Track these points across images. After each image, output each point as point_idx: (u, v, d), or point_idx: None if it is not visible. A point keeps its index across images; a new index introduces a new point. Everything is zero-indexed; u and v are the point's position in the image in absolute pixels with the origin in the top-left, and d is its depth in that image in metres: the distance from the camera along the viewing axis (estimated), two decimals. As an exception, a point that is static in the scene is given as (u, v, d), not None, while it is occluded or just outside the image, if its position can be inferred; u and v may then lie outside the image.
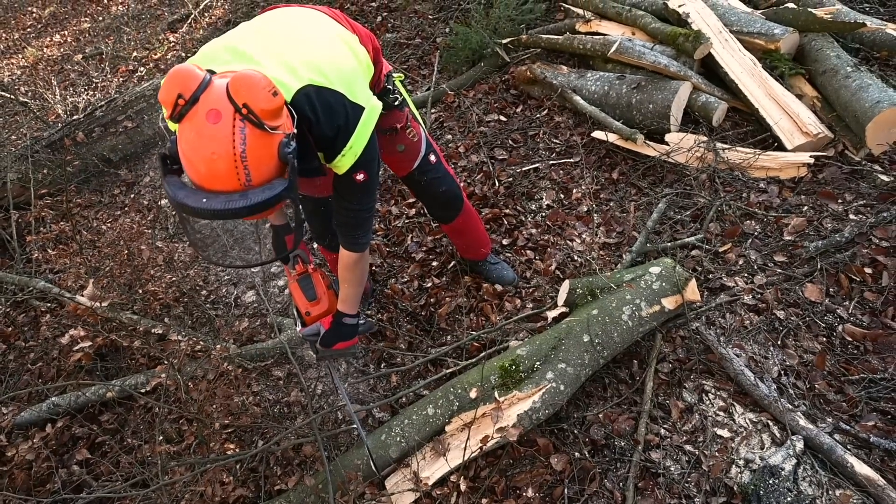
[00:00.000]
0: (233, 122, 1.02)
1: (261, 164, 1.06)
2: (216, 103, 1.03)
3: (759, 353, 1.89)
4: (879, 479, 1.51)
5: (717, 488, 1.62)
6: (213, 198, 1.04)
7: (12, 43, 6.17)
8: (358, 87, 1.35)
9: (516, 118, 3.18)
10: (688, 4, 2.99)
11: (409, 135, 1.81)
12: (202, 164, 1.04)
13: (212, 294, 2.64)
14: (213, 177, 1.04)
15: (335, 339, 1.66)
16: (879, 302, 1.94)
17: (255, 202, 1.05)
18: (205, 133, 1.02)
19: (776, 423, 1.71)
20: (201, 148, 1.03)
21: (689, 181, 2.51)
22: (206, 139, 1.02)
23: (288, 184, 1.10)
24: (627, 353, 1.97)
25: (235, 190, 1.05)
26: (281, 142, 1.09)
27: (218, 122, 1.02)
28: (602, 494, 1.68)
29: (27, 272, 2.88)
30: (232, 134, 1.02)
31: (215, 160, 1.03)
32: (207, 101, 1.03)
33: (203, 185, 1.06)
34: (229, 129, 1.02)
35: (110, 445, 2.12)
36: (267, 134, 1.05)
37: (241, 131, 1.03)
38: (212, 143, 1.02)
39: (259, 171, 1.06)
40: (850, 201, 2.28)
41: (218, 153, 1.02)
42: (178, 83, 1.03)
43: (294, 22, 1.38)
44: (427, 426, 1.80)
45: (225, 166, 1.03)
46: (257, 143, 1.05)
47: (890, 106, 2.27)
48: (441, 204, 2.03)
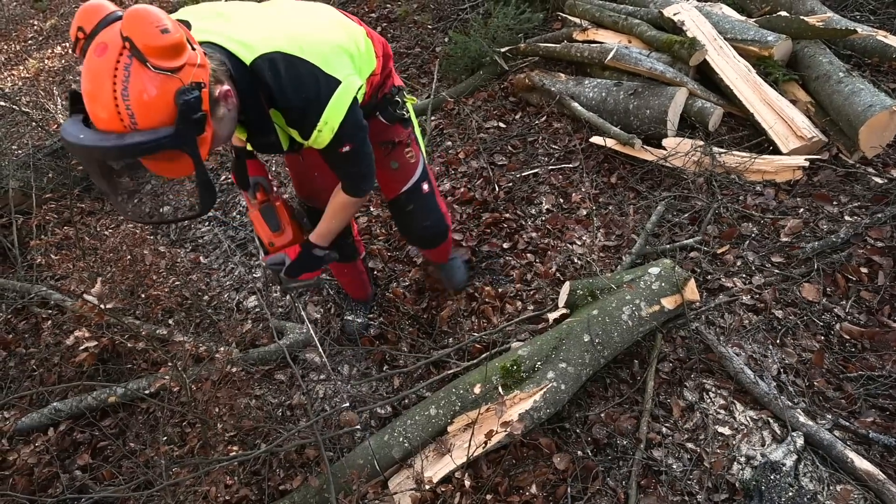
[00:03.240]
0: (118, 56, 0.95)
1: (147, 106, 0.98)
2: (107, 36, 0.97)
3: (758, 351, 1.91)
4: (879, 474, 1.52)
5: (718, 485, 1.63)
6: (91, 134, 0.98)
7: (13, 55, 6.21)
8: (338, 62, 1.30)
9: (515, 125, 3.22)
10: (683, 13, 3.05)
11: (407, 154, 1.76)
12: (87, 99, 0.99)
13: (214, 299, 2.65)
14: (96, 114, 0.98)
15: (301, 269, 1.62)
16: (876, 301, 1.97)
17: (126, 143, 0.97)
18: (90, 66, 0.97)
19: (776, 420, 1.72)
20: (86, 82, 0.98)
21: (686, 185, 2.55)
22: (90, 73, 0.97)
23: (174, 131, 1.01)
24: (628, 353, 1.98)
25: (117, 130, 0.99)
26: (179, 88, 1.00)
27: (102, 56, 0.96)
28: (605, 493, 1.68)
29: (28, 279, 2.89)
30: (114, 69, 0.95)
31: (96, 95, 0.97)
32: (102, 37, 0.97)
33: (95, 124, 1.00)
34: (112, 62, 0.95)
35: (112, 450, 2.12)
36: (155, 74, 0.97)
37: (125, 67, 0.96)
38: (94, 76, 0.96)
39: (145, 113, 0.98)
40: (844, 203, 2.31)
41: (98, 89, 0.96)
42: (82, 17, 0.99)
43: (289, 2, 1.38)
44: (429, 426, 1.81)
45: (104, 102, 0.97)
46: (141, 82, 0.96)
47: (882, 109, 2.32)
48: (422, 238, 1.98)
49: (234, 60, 1.18)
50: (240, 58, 1.19)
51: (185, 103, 1.01)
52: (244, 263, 2.81)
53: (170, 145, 1.02)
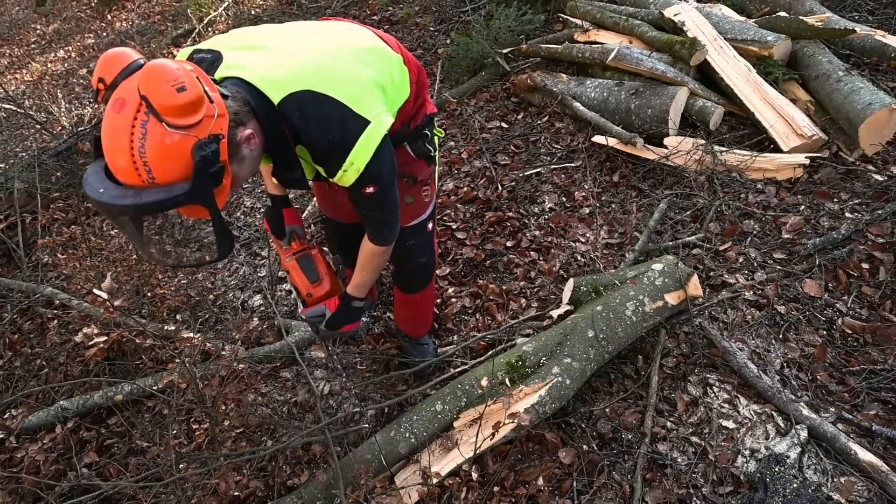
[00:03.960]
0: (135, 113, 0.95)
1: (164, 162, 0.98)
2: (126, 92, 0.97)
3: (761, 346, 1.93)
4: (883, 466, 1.53)
5: (723, 478, 1.64)
6: (111, 189, 0.99)
7: (16, 59, 6.25)
8: (370, 99, 1.26)
9: (518, 125, 3.24)
10: (683, 13, 3.08)
11: (424, 193, 1.72)
12: (106, 152, 0.99)
13: (219, 298, 2.66)
14: (116, 168, 0.99)
15: (343, 321, 1.61)
16: (877, 296, 1.98)
17: (143, 202, 0.97)
18: (108, 121, 0.97)
19: (780, 413, 1.74)
20: (105, 136, 0.98)
21: (688, 183, 2.57)
22: (108, 128, 0.97)
23: (190, 188, 1.00)
24: (632, 349, 2.00)
25: (135, 185, 0.99)
26: (195, 143, 0.99)
27: (121, 112, 0.96)
28: (610, 486, 1.69)
29: (34, 279, 2.90)
30: (131, 126, 0.95)
31: (114, 149, 0.97)
32: (120, 90, 0.97)
33: (114, 175, 1.00)
34: (129, 120, 0.95)
35: (119, 447, 2.13)
36: (171, 132, 0.97)
37: (142, 125, 0.96)
38: (112, 132, 0.97)
39: (162, 169, 0.98)
40: (845, 200, 2.33)
41: (116, 144, 0.96)
42: (103, 67, 0.99)
43: (324, 28, 1.36)
44: (435, 422, 1.82)
45: (123, 159, 0.97)
46: (158, 139, 0.96)
47: (881, 108, 2.34)
48: (413, 273, 1.93)
49: (260, 98, 1.16)
50: (268, 96, 1.17)
51: (203, 158, 1.00)
52: (249, 263, 2.82)
53: (186, 201, 1.01)
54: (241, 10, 5.55)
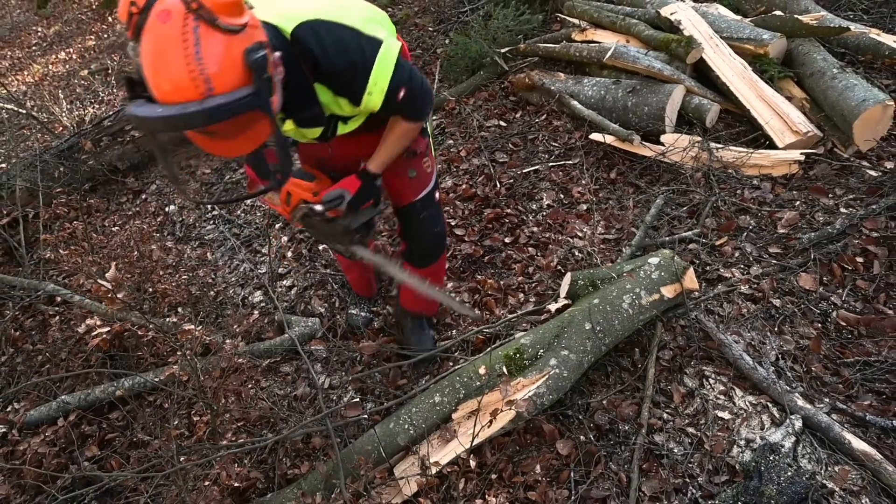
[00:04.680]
0: (183, 20, 0.92)
1: (222, 67, 0.95)
2: (166, 4, 0.93)
3: (756, 339, 1.95)
4: (876, 454, 1.55)
5: (719, 467, 1.66)
6: (168, 108, 0.94)
7: (18, 60, 6.28)
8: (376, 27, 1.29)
9: (516, 123, 3.26)
10: (679, 12, 3.10)
11: (425, 164, 1.76)
12: (154, 72, 0.94)
13: (220, 294, 2.68)
14: (171, 84, 0.94)
15: (366, 197, 1.56)
16: (871, 289, 2.01)
17: (208, 106, 0.94)
18: (155, 36, 0.93)
19: (775, 404, 1.76)
20: (154, 54, 0.94)
21: (684, 179, 2.59)
22: (157, 42, 0.93)
23: (254, 90, 0.98)
24: (629, 342, 2.02)
25: (192, 99, 0.95)
26: (247, 46, 0.98)
27: (168, 22, 0.92)
28: (607, 476, 1.71)
29: (35, 276, 2.92)
30: (182, 33, 0.92)
31: (166, 64, 0.93)
32: (159, 7, 0.94)
33: (164, 99, 0.95)
34: (179, 27, 0.92)
35: (121, 441, 2.15)
36: (224, 34, 0.95)
37: (193, 31, 0.92)
38: (161, 46, 0.93)
39: (220, 76, 0.95)
40: (840, 195, 2.35)
41: (168, 57, 0.93)
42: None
43: None
44: (434, 414, 1.84)
45: (176, 70, 0.93)
46: (213, 43, 0.94)
47: (875, 104, 2.36)
48: (430, 245, 1.94)
49: (275, 32, 1.15)
50: (280, 29, 1.16)
51: (255, 62, 0.98)
52: (249, 260, 2.84)
53: (251, 105, 0.98)
54: (242, 12, 5.57)
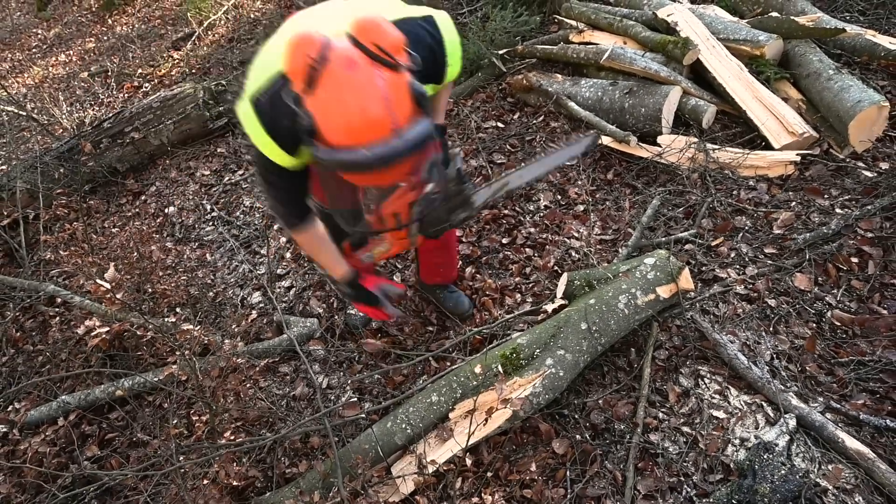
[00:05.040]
0: (370, 65, 1.00)
1: (401, 103, 1.04)
2: (345, 53, 1.00)
3: (751, 338, 1.96)
4: (869, 453, 1.56)
5: (713, 466, 1.67)
6: (372, 147, 1.02)
7: (18, 63, 6.30)
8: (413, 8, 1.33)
9: (513, 124, 3.28)
10: (676, 14, 3.12)
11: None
12: (353, 115, 1.01)
13: (219, 295, 2.70)
14: (367, 125, 1.02)
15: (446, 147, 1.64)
16: (866, 289, 2.02)
17: (413, 138, 1.03)
18: (348, 84, 1.00)
19: (770, 403, 1.77)
20: (349, 99, 1.00)
21: (681, 180, 2.60)
22: (351, 89, 1.00)
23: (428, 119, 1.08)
24: (625, 342, 2.03)
25: (386, 135, 1.02)
26: (409, 81, 1.06)
27: (355, 69, 0.99)
28: (603, 475, 1.72)
29: (36, 277, 2.94)
30: (371, 77, 1.00)
31: (366, 107, 1.00)
32: (338, 55, 1.00)
33: (355, 141, 1.03)
34: (369, 73, 1.00)
35: (121, 441, 2.16)
36: (398, 73, 1.03)
37: (378, 74, 1.01)
38: (357, 90, 1.00)
39: (401, 110, 1.04)
40: (835, 196, 2.37)
41: (367, 99, 1.00)
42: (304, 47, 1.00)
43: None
44: (431, 413, 1.85)
45: (376, 110, 1.01)
46: (393, 83, 1.03)
47: (870, 105, 2.38)
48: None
49: None
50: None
51: (419, 93, 1.06)
52: (248, 261, 2.86)
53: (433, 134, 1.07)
54: (241, 14, 5.60)
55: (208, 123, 3.76)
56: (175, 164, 3.73)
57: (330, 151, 1.05)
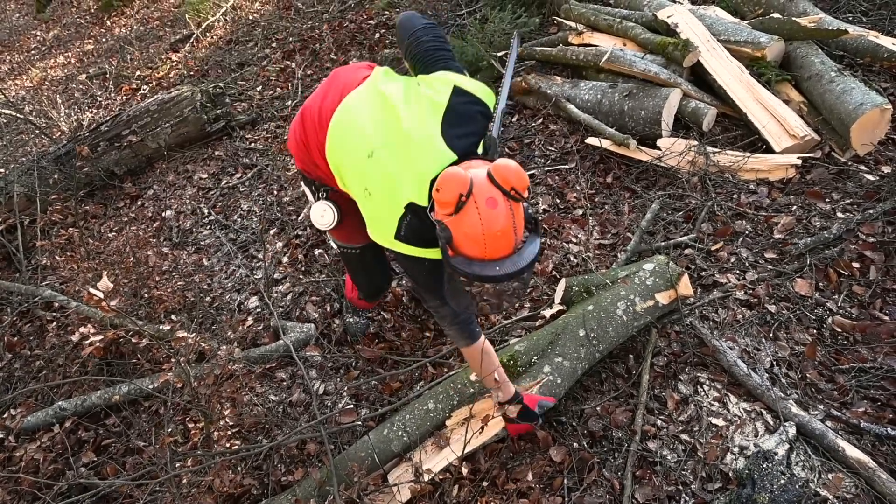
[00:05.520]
0: (506, 202, 1.26)
1: (521, 228, 1.30)
2: (490, 192, 1.26)
3: (751, 345, 1.94)
4: (870, 462, 1.54)
5: (712, 474, 1.65)
6: (501, 264, 1.27)
7: (16, 65, 6.30)
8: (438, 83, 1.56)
9: (512, 127, 3.26)
10: (676, 15, 3.10)
11: None
12: (490, 240, 1.25)
13: (216, 300, 2.68)
14: (499, 247, 1.27)
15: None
16: (867, 295, 2.00)
17: (531, 258, 1.29)
18: (489, 217, 1.25)
19: (769, 411, 1.75)
20: (488, 228, 1.25)
21: (681, 184, 2.58)
22: (491, 222, 1.25)
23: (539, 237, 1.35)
24: (623, 349, 2.01)
25: (511, 253, 1.28)
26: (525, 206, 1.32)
27: (496, 207, 1.25)
28: (601, 483, 1.71)
29: (33, 282, 2.93)
30: (509, 211, 1.26)
31: (502, 234, 1.26)
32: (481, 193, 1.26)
33: (487, 256, 1.27)
34: (506, 208, 1.25)
35: (117, 447, 2.15)
36: (520, 204, 1.29)
37: (510, 209, 1.26)
38: (496, 223, 1.25)
39: (521, 233, 1.30)
40: (837, 200, 2.34)
41: (504, 228, 1.26)
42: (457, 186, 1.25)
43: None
44: (428, 420, 1.84)
45: (508, 237, 1.27)
46: (518, 214, 1.29)
47: (872, 108, 2.35)
48: None
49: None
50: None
51: (532, 218, 1.35)
52: (245, 265, 2.85)
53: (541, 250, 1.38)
54: (239, 16, 5.59)
55: (206, 126, 3.75)
56: (173, 167, 3.71)
57: (464, 262, 1.29)
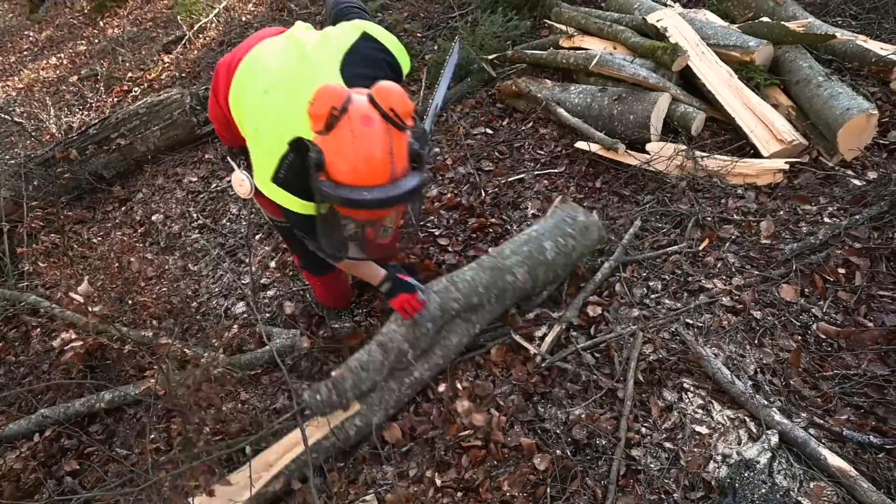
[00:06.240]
0: (382, 123, 1.21)
1: (401, 158, 1.25)
2: (367, 111, 1.21)
3: (736, 352, 1.93)
4: (851, 471, 1.54)
5: (695, 483, 1.64)
6: (371, 190, 1.21)
7: (8, 66, 6.27)
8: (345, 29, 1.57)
9: (502, 131, 3.25)
10: (666, 19, 3.09)
11: None
12: (361, 161, 1.20)
13: (202, 306, 2.67)
14: (370, 172, 1.22)
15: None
16: (853, 301, 1.99)
17: (406, 189, 1.23)
18: (362, 135, 1.20)
19: (753, 419, 1.74)
20: (359, 148, 1.20)
21: (669, 189, 2.58)
22: (363, 140, 1.20)
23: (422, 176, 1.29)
24: (607, 355, 2.00)
25: (385, 182, 1.22)
26: (410, 140, 1.27)
27: (371, 125, 1.20)
28: (584, 492, 1.70)
29: (18, 287, 2.91)
30: (386, 134, 1.21)
31: (373, 157, 1.20)
32: (356, 111, 1.21)
33: (358, 182, 1.22)
34: (382, 130, 1.21)
35: (99, 455, 2.14)
36: (402, 132, 1.24)
37: (387, 131, 1.22)
38: (369, 142, 1.20)
39: (401, 164, 1.25)
40: (824, 205, 2.34)
41: (377, 150, 1.21)
42: (329, 99, 1.21)
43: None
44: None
45: (381, 161, 1.21)
46: (398, 141, 1.24)
47: (858, 113, 2.35)
48: None
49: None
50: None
51: (416, 152, 1.28)
52: (233, 270, 2.83)
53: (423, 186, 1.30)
54: (232, 17, 5.57)
55: (195, 129, 3.74)
56: (162, 170, 3.70)
57: (333, 186, 1.23)
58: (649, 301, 2.17)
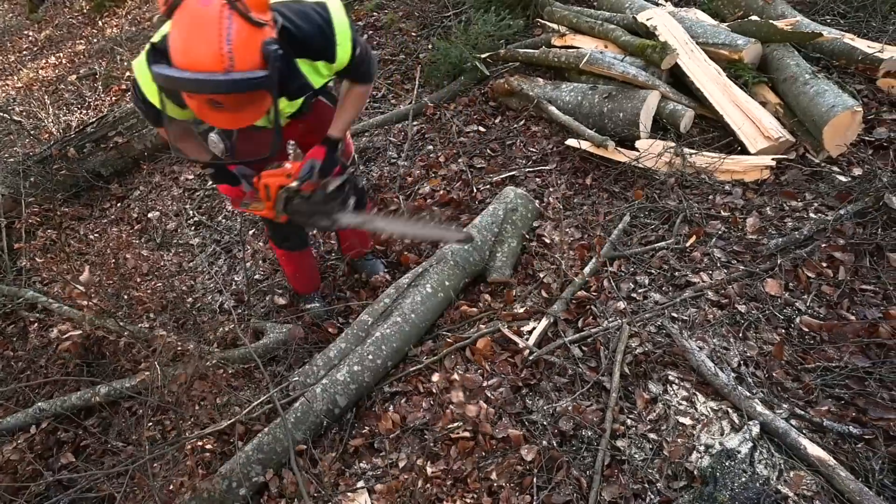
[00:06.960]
0: (221, 6, 1.12)
1: (245, 52, 1.14)
2: None
3: (720, 345, 1.96)
4: (830, 460, 1.57)
5: (678, 473, 1.67)
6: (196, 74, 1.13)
7: (8, 65, 6.30)
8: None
9: (495, 129, 3.29)
10: (655, 18, 3.12)
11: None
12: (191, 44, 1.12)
13: (197, 301, 2.70)
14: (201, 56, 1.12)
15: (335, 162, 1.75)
16: (836, 295, 2.02)
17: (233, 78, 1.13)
18: (195, 15, 1.11)
19: (736, 410, 1.77)
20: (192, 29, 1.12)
21: (657, 185, 2.61)
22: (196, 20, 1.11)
23: (268, 74, 1.18)
24: (594, 349, 2.04)
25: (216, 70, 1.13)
26: (265, 39, 1.17)
27: (208, 6, 1.11)
28: (569, 482, 1.73)
29: (17, 283, 2.94)
30: (220, 16, 1.11)
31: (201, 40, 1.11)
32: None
33: (187, 65, 1.13)
34: (217, 11, 1.11)
35: (95, 447, 2.17)
36: (251, 26, 1.14)
37: (227, 17, 1.12)
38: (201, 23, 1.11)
39: (242, 59, 1.14)
40: (810, 201, 2.37)
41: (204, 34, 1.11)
42: None
43: None
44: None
45: (210, 47, 1.11)
46: (241, 31, 1.13)
47: (844, 110, 2.38)
48: (360, 195, 2.14)
49: None
50: None
51: (271, 53, 1.17)
52: (228, 265, 2.86)
53: (264, 85, 1.18)
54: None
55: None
56: (159, 168, 3.73)
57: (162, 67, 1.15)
58: (636, 295, 2.20)
